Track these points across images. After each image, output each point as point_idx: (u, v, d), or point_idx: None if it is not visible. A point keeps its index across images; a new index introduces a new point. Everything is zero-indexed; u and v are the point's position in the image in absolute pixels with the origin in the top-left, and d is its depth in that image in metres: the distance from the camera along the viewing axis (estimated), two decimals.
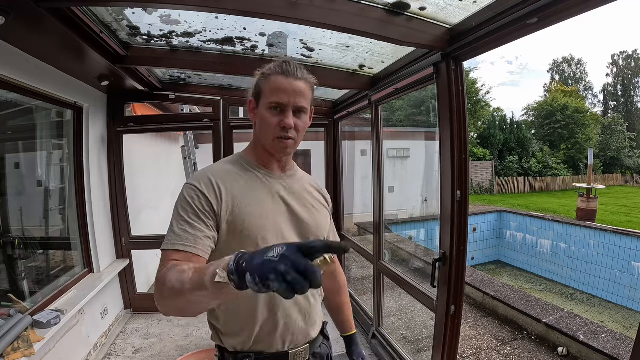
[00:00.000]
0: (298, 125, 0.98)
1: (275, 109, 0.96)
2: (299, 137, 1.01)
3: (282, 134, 0.96)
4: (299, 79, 0.97)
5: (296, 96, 0.96)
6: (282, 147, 0.99)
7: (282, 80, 0.95)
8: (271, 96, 0.95)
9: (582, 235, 8.11)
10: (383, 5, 1.54)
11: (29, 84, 2.14)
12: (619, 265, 7.23)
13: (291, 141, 0.99)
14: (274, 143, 0.98)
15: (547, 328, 3.15)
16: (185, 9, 1.66)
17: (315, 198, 1.12)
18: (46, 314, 2.14)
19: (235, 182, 0.99)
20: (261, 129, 1.00)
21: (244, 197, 0.98)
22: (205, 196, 0.93)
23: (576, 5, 1.13)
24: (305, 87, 0.97)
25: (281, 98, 0.95)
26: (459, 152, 1.73)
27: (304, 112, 0.99)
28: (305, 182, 1.14)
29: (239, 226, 0.94)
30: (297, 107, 0.96)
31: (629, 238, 7.14)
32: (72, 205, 2.94)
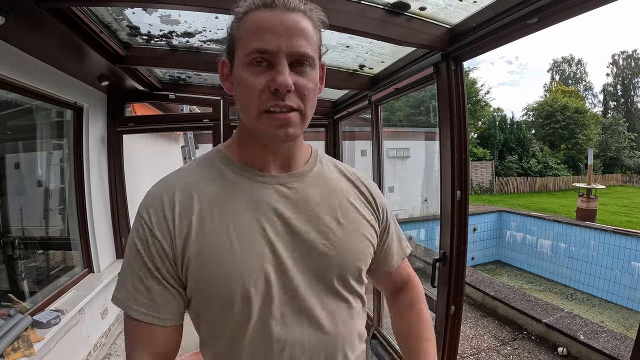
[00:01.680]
0: (301, 86, 0.59)
1: (259, 63, 0.58)
2: (308, 107, 0.61)
3: (273, 103, 0.58)
4: (293, 10, 0.59)
5: (291, 36, 0.57)
6: (278, 126, 0.59)
7: (266, 14, 0.58)
8: (249, 42, 0.58)
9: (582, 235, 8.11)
10: (383, 5, 1.54)
11: (29, 84, 2.14)
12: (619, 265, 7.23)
13: (294, 114, 0.59)
14: (260, 121, 0.59)
15: (547, 328, 3.15)
16: (185, 9, 1.66)
17: (351, 205, 0.71)
18: (46, 314, 2.14)
19: (198, 198, 0.63)
20: (240, 101, 0.62)
21: (206, 225, 0.61)
22: (156, 238, 0.61)
23: (576, 5, 1.13)
24: (305, 22, 0.59)
25: (266, 41, 0.56)
26: (459, 152, 1.73)
27: (308, 63, 0.60)
28: (336, 180, 0.72)
29: (198, 279, 0.61)
30: (294, 54, 0.58)
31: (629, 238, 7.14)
32: (72, 205, 2.94)
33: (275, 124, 0.59)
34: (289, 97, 0.58)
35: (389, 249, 0.82)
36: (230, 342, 0.64)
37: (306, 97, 0.60)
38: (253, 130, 0.63)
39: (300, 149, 0.70)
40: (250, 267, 0.61)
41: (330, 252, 0.65)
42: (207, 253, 0.60)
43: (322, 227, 0.66)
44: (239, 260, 0.60)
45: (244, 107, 0.61)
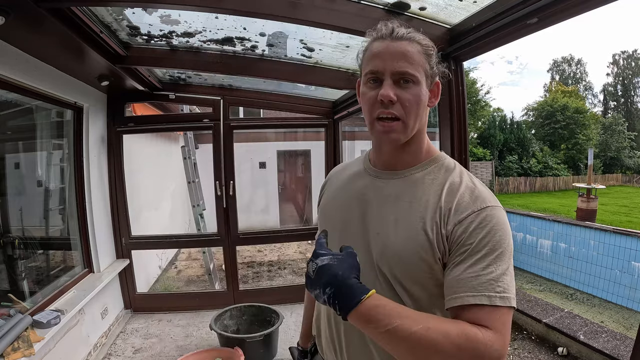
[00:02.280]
0: (403, 99, 0.72)
1: (373, 82, 0.75)
2: (410, 116, 0.73)
3: (380, 111, 0.73)
4: (399, 39, 0.74)
5: (394, 59, 0.72)
6: (383, 132, 0.74)
7: (377, 44, 0.75)
8: (366, 66, 0.76)
9: (582, 235, 8.10)
10: (383, 5, 1.54)
11: (29, 84, 2.14)
12: (619, 265, 7.22)
13: (397, 123, 0.73)
14: (373, 127, 0.76)
15: (547, 328, 3.15)
16: (185, 9, 1.66)
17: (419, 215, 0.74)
18: (46, 314, 2.13)
19: (338, 177, 0.98)
20: (363, 110, 0.79)
21: (329, 192, 0.97)
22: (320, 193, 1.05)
23: (576, 5, 1.13)
24: (409, 47, 0.73)
25: (375, 65, 0.73)
26: (459, 152, 1.73)
27: (412, 80, 0.73)
28: (426, 190, 0.76)
29: (319, 222, 0.97)
30: (397, 72, 0.72)
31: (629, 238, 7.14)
32: (72, 205, 2.94)
33: (382, 130, 0.74)
34: (393, 107, 0.73)
35: (452, 279, 0.67)
36: None
37: (408, 108, 0.73)
38: (370, 133, 0.79)
39: (410, 153, 0.81)
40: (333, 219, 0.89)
41: (378, 242, 0.77)
42: (324, 209, 0.96)
43: (384, 220, 0.78)
44: (331, 212, 0.92)
45: (365, 115, 0.78)
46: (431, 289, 0.73)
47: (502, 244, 0.66)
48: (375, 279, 0.77)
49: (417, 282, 0.74)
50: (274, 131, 9.03)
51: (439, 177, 0.78)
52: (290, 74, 2.62)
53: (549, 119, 25.99)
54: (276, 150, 9.46)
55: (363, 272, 0.69)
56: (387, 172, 0.83)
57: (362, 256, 0.74)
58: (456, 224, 0.69)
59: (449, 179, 0.76)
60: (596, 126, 27.12)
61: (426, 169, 0.80)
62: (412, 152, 0.81)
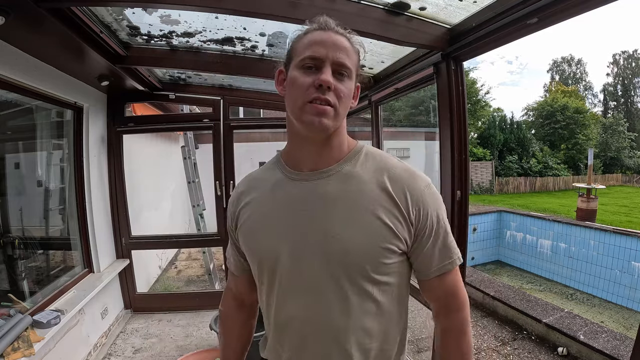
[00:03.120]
0: (339, 89, 0.72)
1: (310, 68, 0.72)
2: (341, 107, 0.73)
3: (316, 96, 0.70)
4: (341, 34, 0.75)
5: (337, 49, 0.72)
6: (316, 114, 0.71)
7: (320, 33, 0.75)
8: (304, 52, 0.73)
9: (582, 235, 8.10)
10: (383, 5, 1.54)
11: (29, 84, 2.14)
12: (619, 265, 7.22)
13: (330, 108, 0.71)
14: (303, 110, 0.72)
15: (547, 328, 3.15)
16: (185, 9, 1.66)
17: (369, 206, 0.74)
18: (46, 314, 2.14)
19: (252, 190, 0.86)
20: (289, 97, 0.75)
21: (252, 209, 0.84)
22: (228, 210, 0.92)
23: (576, 5, 1.13)
24: (347, 44, 0.75)
25: (317, 51, 0.72)
26: (459, 152, 1.73)
27: (347, 74, 0.74)
28: (363, 182, 0.77)
29: (244, 246, 0.86)
30: (338, 63, 0.72)
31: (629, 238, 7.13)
32: (72, 205, 2.94)
33: (314, 112, 0.71)
34: (329, 94, 0.71)
35: (424, 256, 0.79)
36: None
37: (342, 98, 0.73)
38: (295, 120, 0.75)
39: (333, 149, 0.80)
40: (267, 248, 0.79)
41: (335, 245, 0.73)
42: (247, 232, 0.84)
43: (335, 221, 0.74)
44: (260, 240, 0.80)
45: (293, 100, 0.74)
46: (400, 272, 0.79)
47: (444, 211, 0.81)
48: (337, 285, 0.74)
49: (386, 272, 0.76)
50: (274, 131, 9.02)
51: (370, 166, 0.79)
52: None
53: (549, 119, 25.97)
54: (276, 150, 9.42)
55: (324, 282, 0.74)
56: (315, 172, 0.79)
57: (320, 266, 0.74)
58: (414, 205, 0.76)
59: (383, 166, 0.79)
60: (596, 126, 27.12)
61: (353, 160, 0.80)
62: (336, 146, 0.80)
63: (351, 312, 0.74)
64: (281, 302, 0.79)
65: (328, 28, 0.75)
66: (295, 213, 0.77)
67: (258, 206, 0.83)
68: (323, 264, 0.74)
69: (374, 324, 0.76)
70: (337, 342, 0.75)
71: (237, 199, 0.88)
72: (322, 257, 0.74)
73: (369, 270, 0.74)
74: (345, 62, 0.73)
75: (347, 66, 0.73)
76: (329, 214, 0.75)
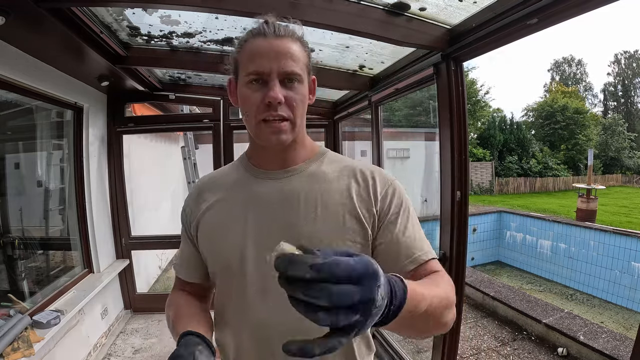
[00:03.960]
0: (290, 98, 0.70)
1: (256, 82, 0.70)
2: (297, 116, 0.72)
3: (268, 114, 0.69)
4: (283, 37, 0.71)
5: (280, 59, 0.69)
6: (271, 133, 0.71)
7: (260, 42, 0.71)
8: (248, 65, 0.71)
9: (582, 236, 8.10)
10: (383, 5, 1.54)
11: (29, 84, 2.14)
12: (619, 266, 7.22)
13: (285, 123, 0.71)
14: (258, 129, 0.72)
15: (547, 328, 3.15)
16: (185, 9, 1.66)
17: (337, 203, 0.75)
18: (46, 314, 2.14)
19: (215, 190, 0.82)
20: (244, 113, 0.75)
21: (215, 209, 0.80)
22: (184, 212, 0.85)
23: (576, 5, 1.13)
24: (293, 46, 0.72)
25: (260, 65, 0.69)
26: (459, 152, 1.73)
27: (297, 79, 0.71)
28: (330, 179, 0.77)
29: (206, 247, 0.81)
30: (284, 73, 0.70)
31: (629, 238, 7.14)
32: (72, 206, 2.94)
33: (270, 131, 0.71)
34: (280, 108, 0.70)
35: (389, 249, 0.73)
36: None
37: (295, 107, 0.71)
38: (254, 136, 0.76)
39: (298, 150, 0.79)
40: (233, 248, 0.75)
41: (300, 240, 0.67)
42: (206, 232, 0.80)
43: (300, 216, 0.73)
44: (226, 240, 0.76)
45: (246, 118, 0.74)
46: None
47: (410, 206, 0.80)
48: None
49: None
50: None
51: (335, 167, 0.80)
52: None
53: (548, 120, 25.99)
54: None
55: None
56: (281, 170, 0.78)
57: None
58: (381, 201, 0.76)
59: (349, 164, 0.80)
60: (596, 126, 27.13)
61: (318, 161, 0.80)
62: (300, 148, 0.79)
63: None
64: (247, 305, 0.74)
65: (267, 34, 0.71)
66: (262, 211, 0.75)
67: (222, 205, 0.79)
68: None
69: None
70: None
71: (196, 197, 0.83)
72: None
73: None
74: (292, 69, 0.70)
75: (296, 72, 0.70)
76: (295, 210, 0.74)
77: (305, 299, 0.38)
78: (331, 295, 0.38)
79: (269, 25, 0.72)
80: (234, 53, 0.77)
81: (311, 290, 0.38)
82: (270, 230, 0.73)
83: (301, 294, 0.38)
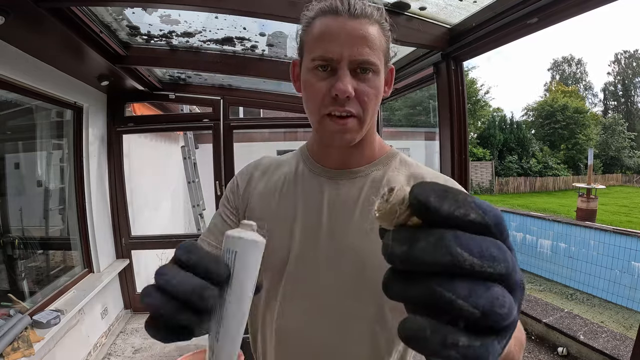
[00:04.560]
0: (362, 92, 0.60)
1: (323, 68, 0.60)
2: (368, 112, 0.62)
3: (334, 108, 0.60)
4: (359, 17, 0.59)
5: (354, 44, 0.58)
6: (335, 131, 0.61)
7: (330, 21, 0.60)
8: (314, 48, 0.60)
9: (582, 235, 8.10)
10: (383, 5, 1.54)
11: (29, 84, 2.14)
12: (619, 265, 7.22)
13: (352, 120, 0.61)
14: (321, 124, 0.63)
15: (547, 328, 3.15)
16: (185, 9, 1.66)
17: None
18: (46, 314, 2.13)
19: (272, 176, 0.74)
20: (305, 103, 0.65)
21: (266, 198, 0.71)
22: (237, 187, 0.75)
23: (576, 5, 1.13)
24: (371, 29, 0.60)
25: (328, 49, 0.58)
26: (459, 152, 1.73)
27: (371, 70, 0.60)
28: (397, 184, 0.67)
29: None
30: (357, 61, 0.59)
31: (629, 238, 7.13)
32: (72, 206, 2.94)
33: (334, 128, 0.61)
34: (348, 103, 0.60)
35: None
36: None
37: (366, 103, 0.61)
38: (315, 130, 0.67)
39: (364, 150, 0.70)
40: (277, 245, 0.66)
41: (350, 258, 0.63)
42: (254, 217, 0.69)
43: (354, 229, 0.64)
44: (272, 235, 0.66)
45: (309, 109, 0.64)
46: None
47: None
48: (343, 302, 0.63)
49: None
50: (274, 131, 9.04)
51: (403, 173, 0.69)
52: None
53: (548, 119, 26.00)
54: (276, 150, 9.46)
55: (328, 297, 0.63)
56: (342, 171, 0.69)
57: (327, 277, 0.63)
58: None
59: (419, 174, 0.69)
60: (596, 126, 27.14)
61: (385, 166, 0.70)
62: (367, 147, 0.70)
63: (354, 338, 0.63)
64: (282, 309, 0.67)
65: (340, 11, 0.59)
66: (311, 213, 0.67)
67: (273, 196, 0.71)
68: (330, 275, 0.63)
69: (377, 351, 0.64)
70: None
71: (249, 178, 0.75)
72: (331, 267, 0.63)
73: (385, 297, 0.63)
74: (367, 57, 0.59)
75: (371, 62, 0.59)
76: (347, 219, 0.65)
77: (472, 261, 0.22)
78: (507, 260, 0.23)
79: (343, 2, 0.60)
80: (300, 31, 0.66)
81: (487, 244, 0.22)
82: (317, 236, 0.65)
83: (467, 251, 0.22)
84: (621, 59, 36.98)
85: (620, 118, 28.67)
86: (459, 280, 0.22)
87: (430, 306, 0.22)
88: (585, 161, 22.39)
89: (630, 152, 26.90)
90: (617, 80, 37.06)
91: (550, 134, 25.87)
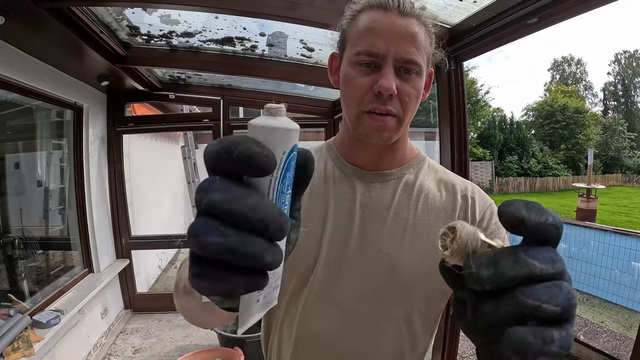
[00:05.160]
0: (404, 92, 0.58)
1: (367, 64, 0.58)
2: (408, 113, 0.61)
3: (375, 105, 0.58)
4: (408, 15, 0.58)
5: (401, 42, 0.56)
6: (374, 128, 0.59)
7: (378, 16, 0.58)
8: (359, 42, 0.59)
9: (582, 236, 8.10)
10: None
11: (29, 84, 2.14)
12: (619, 266, 7.22)
13: (391, 119, 0.59)
14: (359, 120, 0.61)
15: None
16: (185, 9, 1.66)
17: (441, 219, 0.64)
18: (46, 314, 2.14)
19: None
20: (344, 98, 0.63)
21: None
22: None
23: (576, 5, 1.13)
24: (418, 28, 0.58)
25: (375, 43, 0.57)
26: (459, 152, 1.73)
27: (415, 71, 0.59)
28: (428, 193, 0.67)
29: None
30: (402, 60, 0.57)
31: (629, 238, 7.13)
32: (72, 205, 2.94)
33: (372, 125, 0.59)
34: (390, 102, 0.58)
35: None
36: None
37: (407, 103, 0.60)
38: (350, 126, 0.64)
39: (396, 152, 0.69)
40: (306, 248, 0.63)
41: (384, 262, 0.62)
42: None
43: (388, 233, 0.63)
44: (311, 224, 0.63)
45: (347, 104, 0.62)
46: (441, 301, 0.66)
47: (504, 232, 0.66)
48: (373, 307, 0.63)
49: (433, 301, 0.65)
50: None
51: (433, 179, 0.70)
52: (290, 73, 2.62)
53: (548, 119, 26.02)
54: None
55: (357, 301, 0.62)
56: (375, 172, 0.67)
57: (358, 281, 0.62)
58: (477, 225, 0.64)
59: (448, 180, 0.70)
60: (596, 126, 27.16)
61: (415, 169, 0.70)
62: (400, 149, 0.69)
63: (381, 340, 0.64)
64: (306, 313, 0.65)
65: (389, 7, 0.57)
66: (343, 215, 0.64)
67: (305, 194, 0.69)
68: (362, 280, 0.62)
69: (401, 352, 0.65)
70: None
71: None
72: (362, 271, 0.62)
73: (416, 300, 0.62)
74: (413, 57, 0.57)
75: (416, 62, 0.58)
76: (380, 224, 0.63)
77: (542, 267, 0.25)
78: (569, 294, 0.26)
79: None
80: (343, 23, 0.64)
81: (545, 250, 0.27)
82: (348, 238, 0.63)
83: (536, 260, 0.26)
84: (621, 59, 37.00)
85: (620, 118, 28.68)
86: (538, 286, 0.25)
87: (519, 316, 0.25)
88: (585, 161, 22.40)
89: (630, 152, 26.92)
90: (617, 80, 37.08)
91: (550, 134, 25.89)
